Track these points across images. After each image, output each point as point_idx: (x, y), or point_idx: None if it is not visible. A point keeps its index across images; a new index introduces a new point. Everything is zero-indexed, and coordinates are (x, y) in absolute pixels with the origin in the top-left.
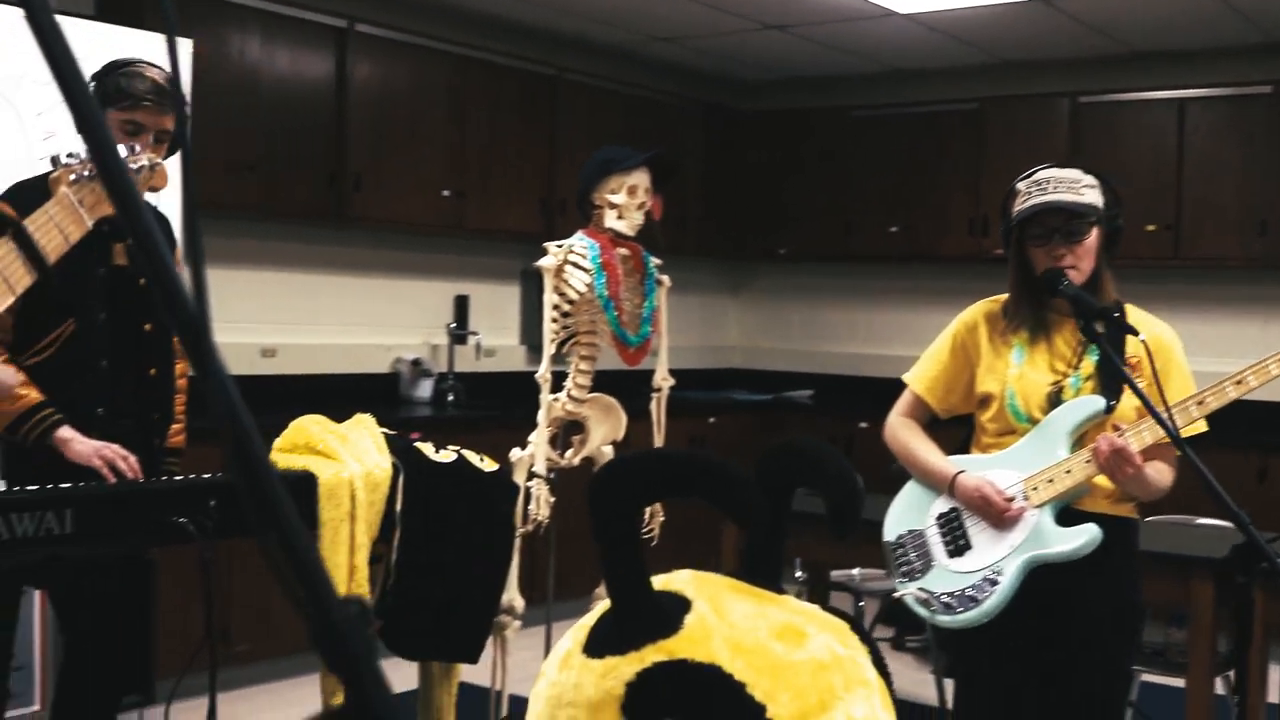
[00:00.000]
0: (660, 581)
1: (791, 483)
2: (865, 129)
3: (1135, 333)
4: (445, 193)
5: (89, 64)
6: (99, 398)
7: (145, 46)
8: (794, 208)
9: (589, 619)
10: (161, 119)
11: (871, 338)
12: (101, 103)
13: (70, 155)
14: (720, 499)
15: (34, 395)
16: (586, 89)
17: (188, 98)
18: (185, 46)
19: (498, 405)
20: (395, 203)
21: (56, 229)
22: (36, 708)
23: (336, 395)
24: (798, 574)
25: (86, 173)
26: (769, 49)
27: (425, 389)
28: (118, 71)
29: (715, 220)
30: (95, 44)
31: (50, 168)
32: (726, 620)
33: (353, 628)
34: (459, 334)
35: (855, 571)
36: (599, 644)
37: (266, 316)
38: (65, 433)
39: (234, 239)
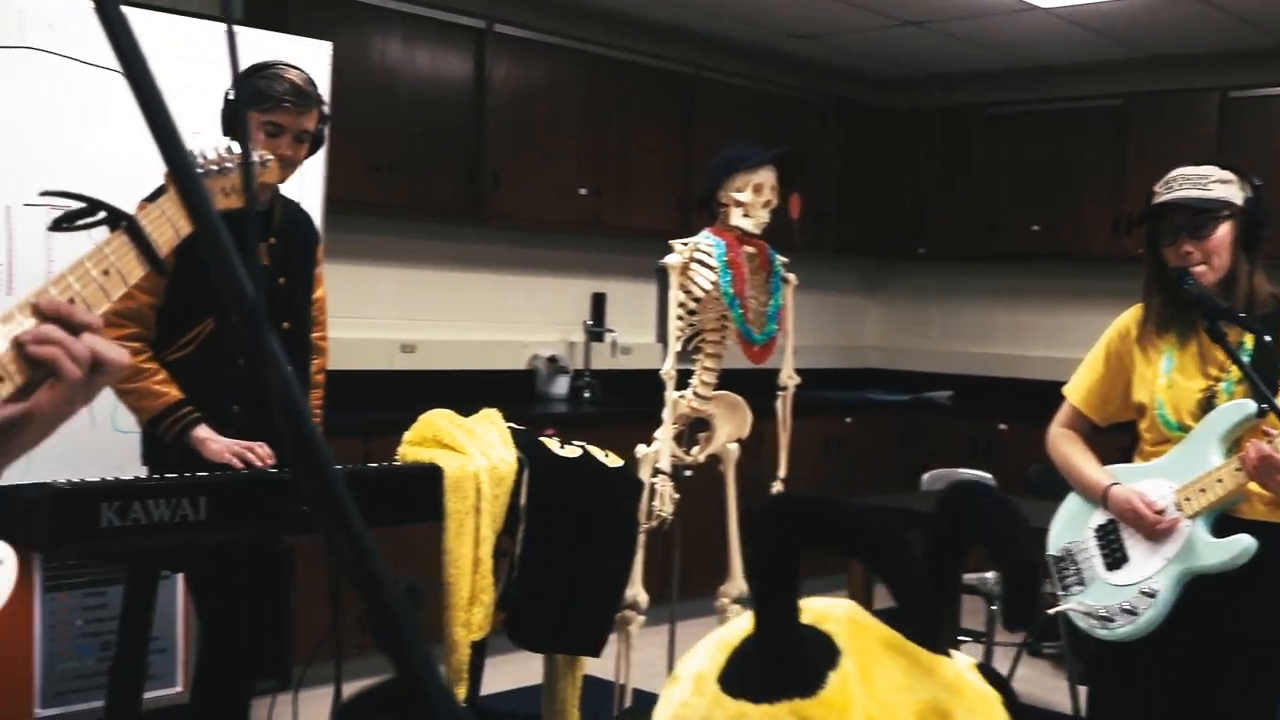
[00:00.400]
0: (815, 613)
1: (967, 542)
2: (1006, 126)
3: (1258, 331)
4: (582, 191)
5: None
6: (236, 394)
7: (290, 50)
8: (934, 206)
9: (732, 635)
10: (300, 119)
11: (1013, 338)
12: (244, 104)
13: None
14: (885, 574)
15: (174, 393)
16: (723, 87)
17: (327, 99)
18: (325, 50)
19: (633, 402)
20: (532, 201)
21: (168, 222)
22: (179, 689)
23: (474, 391)
24: None
25: (199, 168)
26: (908, 45)
27: (561, 386)
28: (258, 74)
29: (853, 219)
30: (242, 50)
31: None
32: (871, 688)
33: (401, 605)
34: (595, 331)
35: (989, 575)
36: (736, 680)
37: (406, 313)
38: (202, 432)
39: (376, 236)
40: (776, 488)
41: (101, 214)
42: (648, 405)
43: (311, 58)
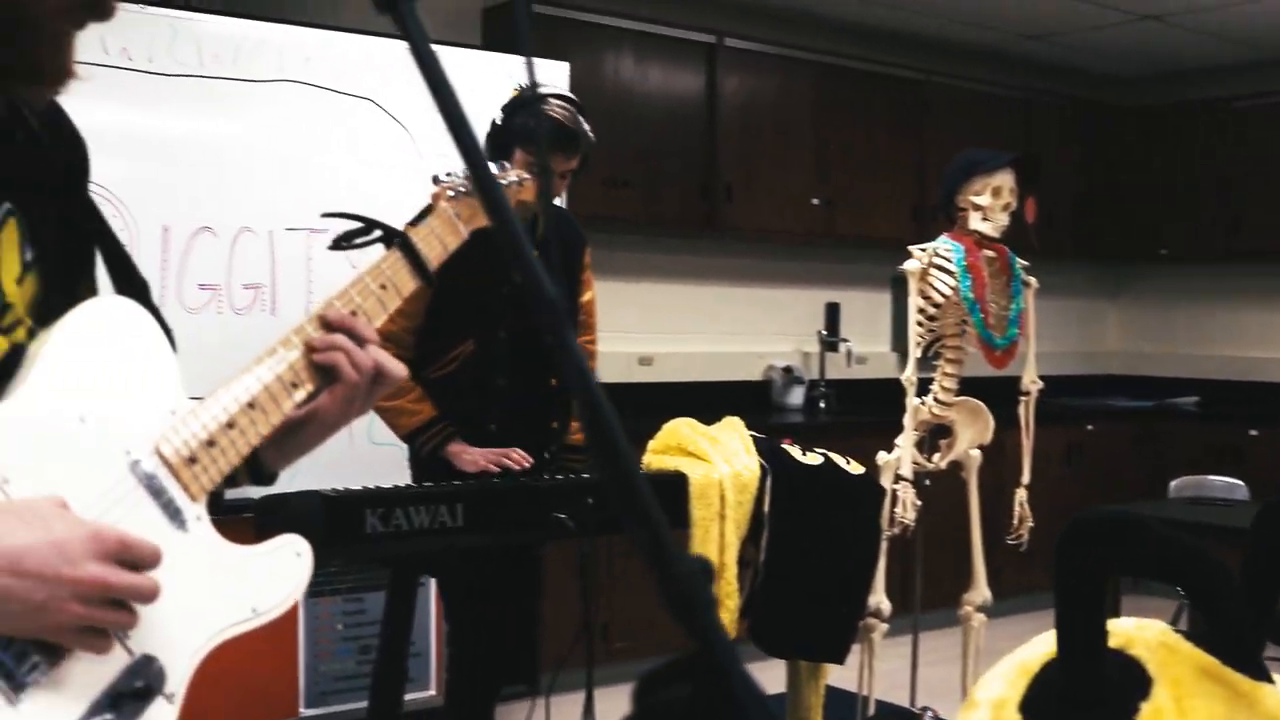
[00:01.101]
0: (1123, 636)
1: None
2: (1251, 121)
3: None
4: (814, 201)
5: (471, 91)
6: (493, 414)
7: (523, 74)
8: (1176, 206)
9: (1032, 659)
10: (568, 162)
11: (1263, 341)
12: (511, 140)
13: (448, 174)
14: (1201, 597)
15: (428, 410)
16: (955, 91)
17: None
18: (563, 70)
19: (869, 411)
20: (765, 212)
21: (437, 239)
22: (432, 692)
23: (710, 402)
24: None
25: (462, 188)
26: (1145, 41)
27: (797, 396)
28: (527, 109)
29: (1092, 221)
30: (483, 73)
31: (432, 185)
32: None
33: (696, 580)
34: (830, 341)
35: None
36: (1040, 710)
37: (643, 326)
38: (456, 446)
39: (612, 251)
40: (1020, 494)
41: (377, 233)
42: (883, 414)
43: (550, 78)
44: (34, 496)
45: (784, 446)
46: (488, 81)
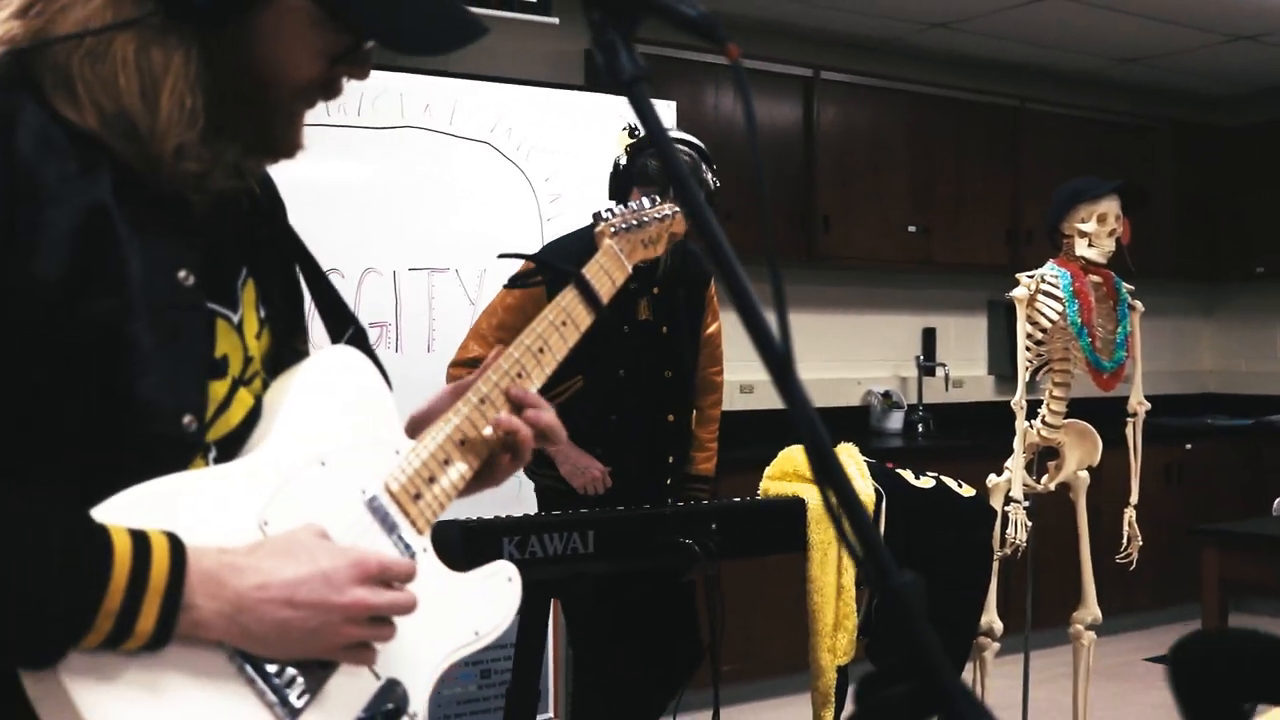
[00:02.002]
0: None
1: None
2: None
3: None
4: (911, 229)
5: (580, 130)
6: (602, 446)
7: (628, 113)
8: (1270, 224)
9: None
10: None
11: None
12: (631, 181)
13: (608, 211)
14: None
15: None
16: (1049, 117)
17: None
18: (670, 109)
19: (967, 435)
20: (863, 240)
21: (606, 275)
22: (550, 715)
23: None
24: None
25: (624, 225)
26: (1239, 61)
27: (896, 421)
28: (646, 152)
29: (1187, 240)
30: (585, 112)
31: (593, 223)
32: None
33: (911, 590)
34: (928, 366)
35: None
36: None
37: (745, 354)
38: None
39: (714, 281)
40: (1129, 514)
41: (549, 273)
42: (981, 437)
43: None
44: (295, 529)
45: (898, 471)
46: (589, 122)
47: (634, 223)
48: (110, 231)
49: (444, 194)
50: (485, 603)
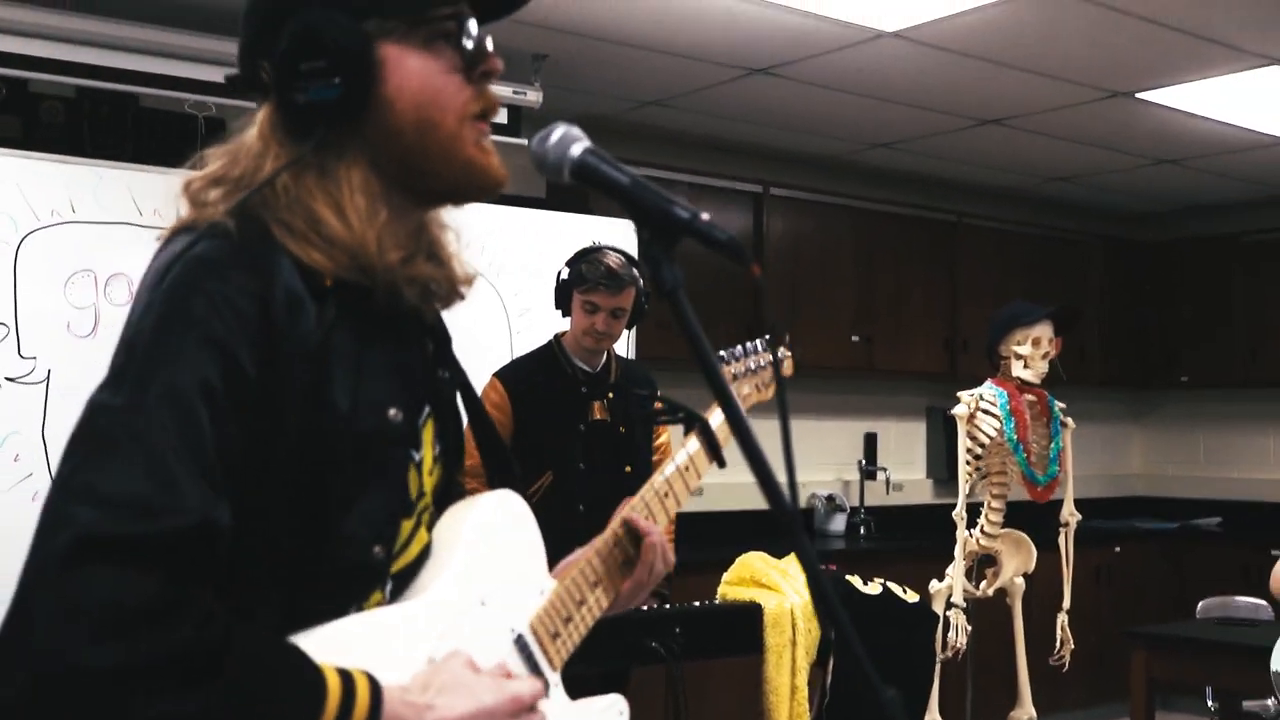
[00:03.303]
0: None
1: None
2: (1262, 254)
3: None
4: (854, 338)
5: (541, 247)
6: (576, 538)
7: (593, 229)
8: (1195, 334)
9: None
10: (615, 299)
11: None
12: (571, 285)
13: (730, 355)
14: None
15: None
16: (986, 231)
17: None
18: (627, 227)
19: (908, 537)
20: (808, 348)
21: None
22: None
23: (756, 531)
24: (1209, 704)
25: (743, 370)
26: (1164, 181)
27: (839, 523)
28: (583, 259)
29: (1116, 350)
30: (545, 229)
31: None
32: None
33: (895, 706)
34: (869, 470)
35: (1270, 702)
36: None
37: None
38: None
39: (665, 389)
40: (1061, 619)
41: (680, 414)
42: (921, 539)
43: (616, 235)
44: (455, 663)
45: (847, 577)
46: (549, 238)
47: (753, 367)
48: (337, 374)
49: None
50: None
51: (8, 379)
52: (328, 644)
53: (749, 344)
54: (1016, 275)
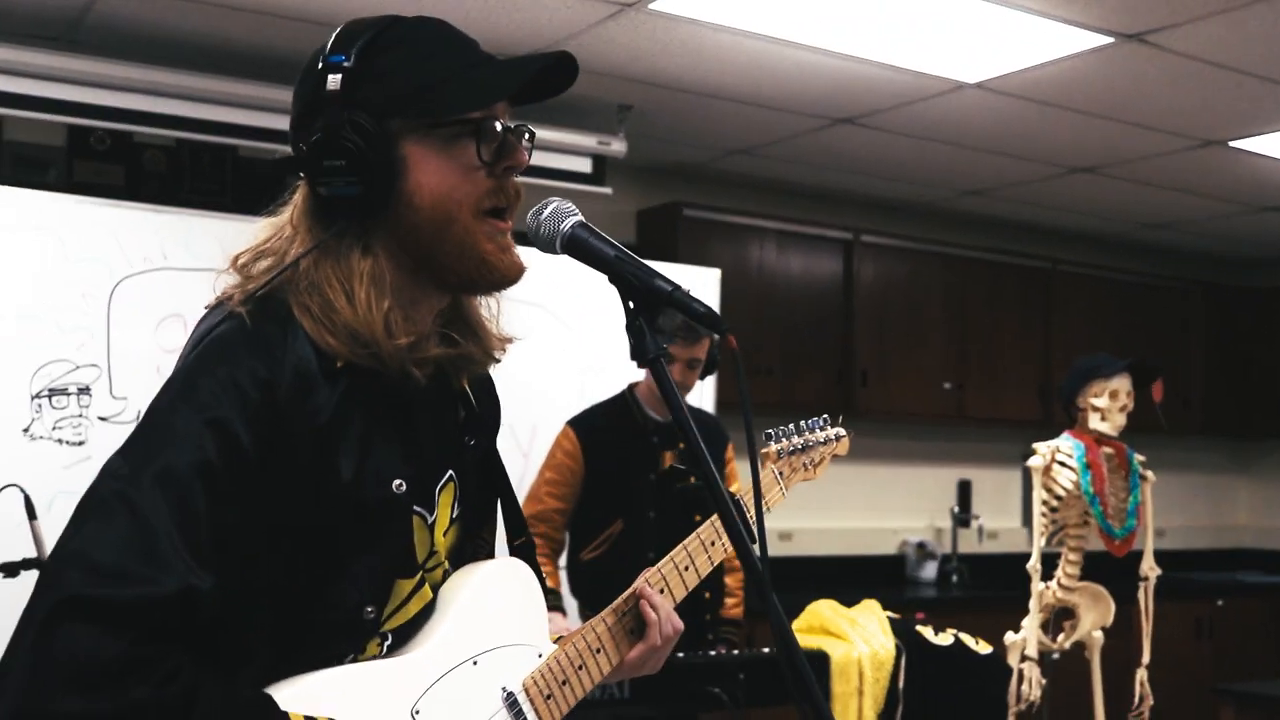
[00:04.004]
0: None
1: None
2: None
3: None
4: (946, 385)
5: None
6: None
7: (681, 276)
8: None
9: None
10: (691, 350)
11: None
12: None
13: (780, 433)
14: None
15: (548, 584)
16: (1082, 278)
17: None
18: (714, 275)
19: (1001, 585)
20: (899, 396)
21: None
22: None
23: (846, 577)
24: None
25: (791, 449)
26: (1264, 228)
27: (930, 570)
28: (665, 312)
29: (1218, 398)
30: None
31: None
32: None
33: None
34: (962, 517)
35: None
36: None
37: (783, 503)
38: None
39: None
40: (1140, 674)
41: (698, 484)
42: (1014, 589)
43: (701, 281)
44: None
45: (918, 628)
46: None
47: (799, 445)
48: (343, 448)
49: (551, 367)
50: None
51: (101, 418)
52: (308, 694)
53: (806, 422)
54: (1113, 322)
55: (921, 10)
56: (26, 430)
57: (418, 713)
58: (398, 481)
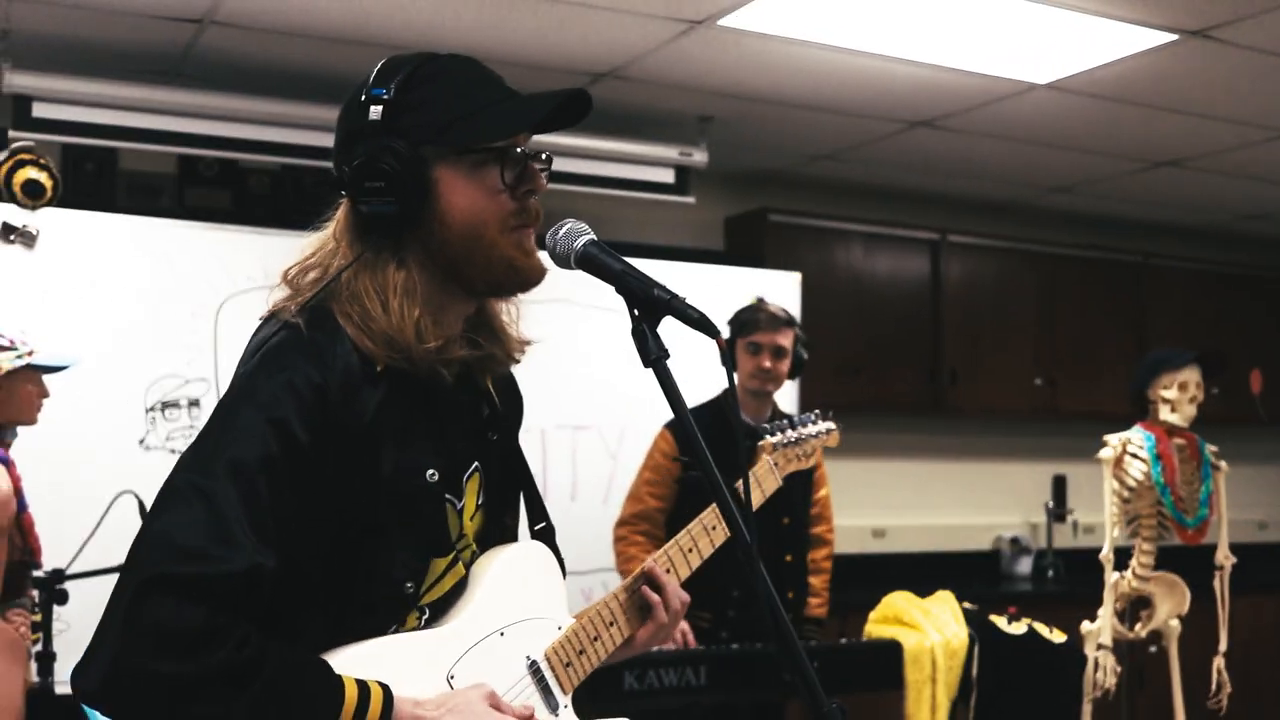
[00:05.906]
0: None
1: None
2: None
3: None
4: (1037, 381)
5: (715, 300)
6: (738, 593)
7: (765, 281)
8: None
9: None
10: (775, 336)
11: None
12: (734, 336)
13: (774, 427)
14: None
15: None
16: (1172, 271)
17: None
18: (794, 279)
19: (1096, 580)
20: (989, 392)
21: (757, 484)
22: None
23: (940, 573)
24: None
25: (784, 442)
26: None
27: (1025, 565)
28: (741, 312)
29: None
30: (719, 284)
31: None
32: None
33: (835, 715)
34: (1058, 513)
35: None
36: None
37: (876, 500)
38: None
39: (846, 433)
40: (1218, 662)
41: (694, 473)
42: None
43: (783, 286)
44: (470, 689)
45: (990, 617)
46: (728, 290)
47: (793, 439)
48: (385, 445)
49: (586, 359)
50: None
51: None
52: (358, 660)
53: (799, 416)
54: (1207, 314)
55: (985, 15)
56: (142, 441)
57: (453, 678)
58: (431, 472)
